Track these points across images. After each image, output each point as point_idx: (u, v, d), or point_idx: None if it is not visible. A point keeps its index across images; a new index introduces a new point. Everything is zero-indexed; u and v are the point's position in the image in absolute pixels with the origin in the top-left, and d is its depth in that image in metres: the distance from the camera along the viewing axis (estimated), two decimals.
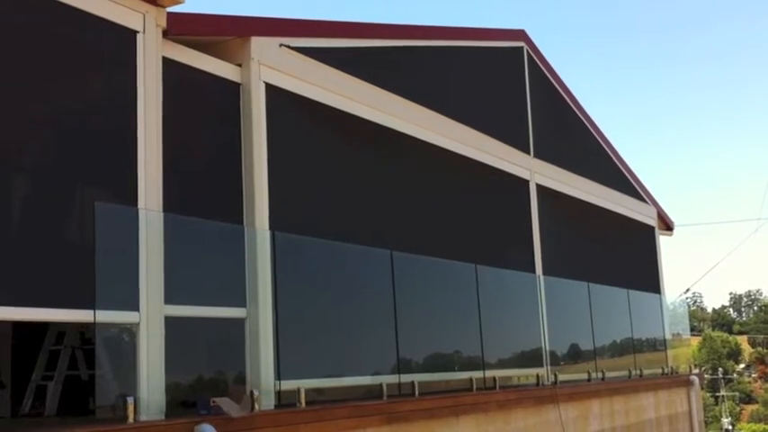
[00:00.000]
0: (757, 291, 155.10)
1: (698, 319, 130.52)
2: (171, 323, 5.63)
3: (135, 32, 5.79)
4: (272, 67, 6.95)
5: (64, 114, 5.34)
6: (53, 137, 5.25)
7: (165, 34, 6.01)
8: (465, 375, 8.72)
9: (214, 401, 5.61)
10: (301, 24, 7.58)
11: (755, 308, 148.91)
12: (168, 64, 6.05)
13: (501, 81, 11.50)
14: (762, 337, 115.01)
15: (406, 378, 7.72)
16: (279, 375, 6.36)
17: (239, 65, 6.74)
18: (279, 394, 6.33)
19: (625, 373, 12.81)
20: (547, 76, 12.68)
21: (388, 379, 7.41)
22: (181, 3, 5.96)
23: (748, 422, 78.02)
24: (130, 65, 5.77)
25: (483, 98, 10.80)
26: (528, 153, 11.53)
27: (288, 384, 6.40)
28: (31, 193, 5.06)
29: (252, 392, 5.94)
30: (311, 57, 7.48)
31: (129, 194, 5.61)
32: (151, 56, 5.87)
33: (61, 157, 5.28)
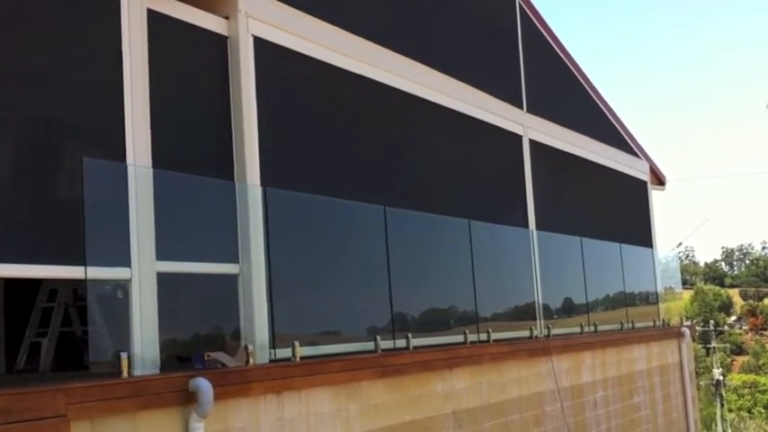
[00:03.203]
0: (749, 245, 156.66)
1: (690, 272, 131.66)
2: (164, 279, 5.63)
3: None
4: (261, 19, 6.84)
5: (48, 69, 5.26)
6: (38, 92, 5.18)
7: None
8: (459, 334, 8.76)
9: (209, 355, 5.64)
10: None
11: (747, 261, 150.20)
12: (154, 17, 5.94)
13: (493, 34, 11.37)
14: (753, 290, 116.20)
15: (399, 336, 7.76)
16: (273, 330, 6.39)
17: (226, 17, 6.63)
18: (273, 346, 6.36)
19: (617, 326, 12.92)
20: (539, 29, 12.54)
21: (383, 343, 7.43)
22: None
23: (739, 373, 79.18)
24: (115, 18, 5.67)
25: (475, 52, 10.69)
26: (521, 108, 11.46)
27: (282, 338, 6.43)
28: (18, 150, 5.00)
29: (246, 346, 5.97)
30: (300, 9, 7.36)
31: (117, 150, 5.56)
32: (136, 8, 5.77)
33: (47, 112, 5.22)
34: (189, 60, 6.35)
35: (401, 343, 7.72)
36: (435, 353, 8.02)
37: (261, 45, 6.81)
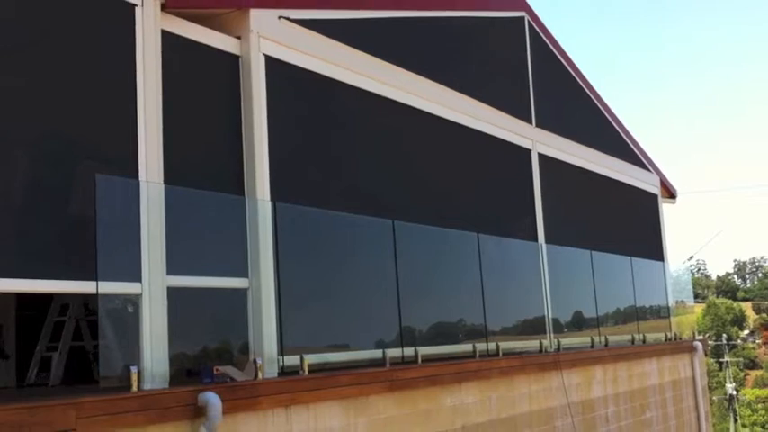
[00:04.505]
0: (761, 257, 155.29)
1: (702, 286, 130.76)
2: (174, 294, 5.70)
3: (133, 6, 5.80)
4: (272, 39, 6.93)
5: (64, 88, 5.35)
6: (53, 110, 5.27)
7: (164, 7, 6.00)
8: (468, 346, 8.78)
9: (218, 369, 5.69)
10: None
11: (760, 274, 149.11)
12: (167, 37, 6.05)
13: (502, 51, 11.43)
14: (766, 303, 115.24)
15: (408, 348, 7.79)
16: (281, 344, 6.43)
17: (238, 37, 6.73)
18: (282, 362, 6.40)
19: (628, 340, 12.87)
20: (548, 45, 12.60)
21: (391, 352, 7.47)
22: None
23: (752, 387, 78.42)
24: (129, 38, 5.77)
25: (484, 68, 10.75)
26: (530, 122, 11.50)
27: (290, 353, 6.47)
28: (33, 167, 5.09)
29: (255, 360, 6.01)
30: (311, 29, 7.45)
31: (130, 167, 5.64)
32: (150, 29, 5.87)
33: (62, 129, 5.31)
34: (201, 79, 6.44)
35: (410, 351, 7.74)
36: (444, 367, 8.03)
37: (272, 64, 6.90)
